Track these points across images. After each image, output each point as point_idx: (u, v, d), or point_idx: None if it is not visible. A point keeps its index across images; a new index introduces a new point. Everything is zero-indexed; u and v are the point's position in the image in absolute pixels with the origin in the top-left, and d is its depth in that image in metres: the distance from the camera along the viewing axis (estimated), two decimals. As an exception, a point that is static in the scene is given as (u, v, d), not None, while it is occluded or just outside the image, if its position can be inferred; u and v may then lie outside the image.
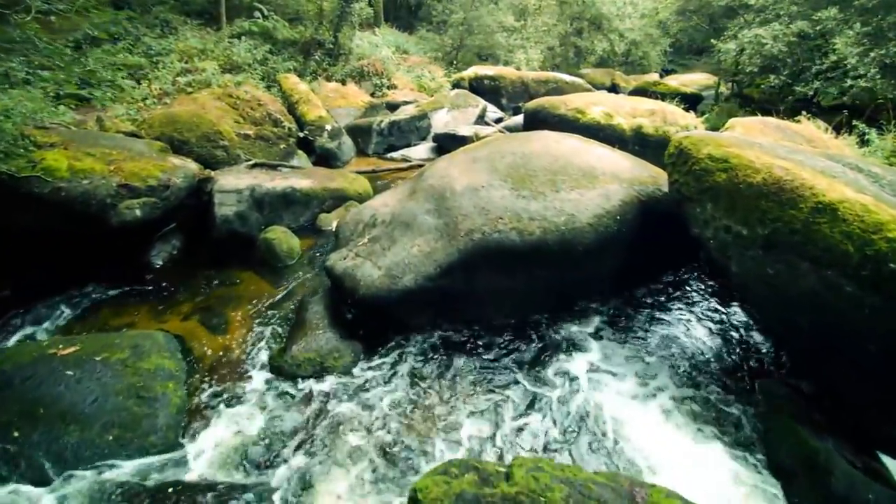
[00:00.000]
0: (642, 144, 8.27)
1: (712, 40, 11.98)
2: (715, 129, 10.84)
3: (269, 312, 4.07)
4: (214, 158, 6.03)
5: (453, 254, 3.50)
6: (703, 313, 3.94)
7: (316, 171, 6.03)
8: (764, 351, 3.58)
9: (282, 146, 6.90)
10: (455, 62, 16.32)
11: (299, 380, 3.26)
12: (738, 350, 3.59)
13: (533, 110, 9.10)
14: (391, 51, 12.62)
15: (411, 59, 14.83)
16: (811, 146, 5.30)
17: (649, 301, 4.08)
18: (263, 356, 3.53)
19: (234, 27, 10.53)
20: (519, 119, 10.29)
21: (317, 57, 10.44)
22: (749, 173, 2.92)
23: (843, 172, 3.14)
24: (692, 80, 17.82)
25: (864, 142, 6.15)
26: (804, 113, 6.46)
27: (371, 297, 3.45)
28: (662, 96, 10.63)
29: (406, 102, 11.19)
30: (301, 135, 7.46)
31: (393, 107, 11.10)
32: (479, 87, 13.27)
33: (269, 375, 3.34)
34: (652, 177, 4.06)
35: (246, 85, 7.57)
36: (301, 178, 5.68)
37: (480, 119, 10.38)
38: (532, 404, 3.14)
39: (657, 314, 3.96)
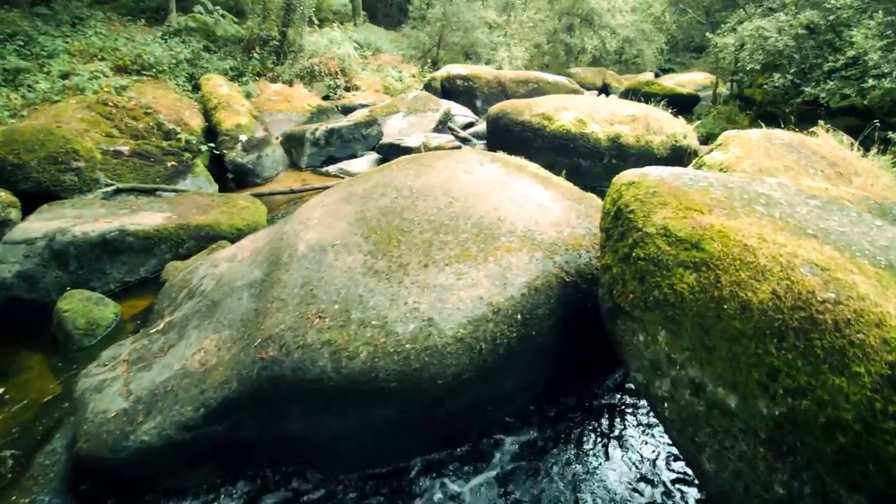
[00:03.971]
0: (621, 157, 6.65)
1: (708, 34, 10.22)
2: (711, 137, 9.14)
3: (21, 436, 2.58)
4: (60, 185, 4.54)
5: (230, 383, 1.96)
6: (660, 445, 2.38)
7: (187, 199, 4.52)
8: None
9: (170, 163, 5.38)
10: (436, 61, 14.68)
11: None
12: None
13: (494, 117, 7.50)
14: (353, 47, 11.01)
15: (383, 58, 13.24)
16: (836, 172, 3.67)
17: (581, 426, 2.51)
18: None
19: (165, 24, 9.03)
20: (489, 125, 8.71)
21: (255, 55, 8.88)
22: (745, 279, 1.34)
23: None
24: (689, 79, 16.02)
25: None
26: (821, 122, 4.80)
27: (90, 456, 1.93)
28: (647, 98, 8.95)
29: (364, 106, 9.65)
30: (203, 148, 5.94)
31: (349, 110, 9.55)
32: (451, 89, 11.64)
33: None
34: (593, 235, 2.48)
35: (133, 89, 6.05)
36: (154, 211, 4.17)
37: (442, 125, 8.78)
38: None
39: (593, 448, 2.40)
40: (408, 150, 6.91)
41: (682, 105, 11.45)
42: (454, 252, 2.21)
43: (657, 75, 17.92)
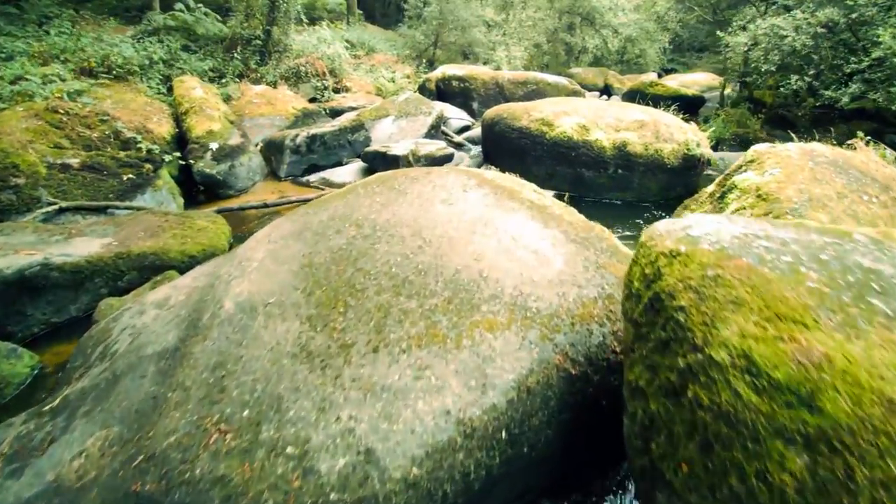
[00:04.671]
0: (628, 167, 6.01)
1: (718, 32, 9.54)
2: (721, 142, 8.47)
3: None
4: (-6, 204, 3.93)
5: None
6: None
7: (138, 220, 3.90)
8: None
9: (126, 177, 4.76)
10: (433, 61, 14.01)
11: None
12: None
13: (489, 123, 6.84)
14: (344, 47, 10.34)
15: (377, 58, 12.59)
16: (892, 197, 3.03)
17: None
18: None
19: (143, 23, 8.40)
20: (485, 130, 8.06)
21: (236, 55, 8.24)
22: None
23: None
24: (694, 80, 15.38)
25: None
26: (860, 134, 4.16)
27: None
28: (653, 100, 8.28)
29: (354, 108, 9.01)
30: (167, 158, 5.31)
31: (338, 113, 8.91)
32: (446, 90, 11.00)
33: None
34: (608, 297, 1.85)
35: (91, 94, 5.43)
36: (95, 236, 3.55)
37: (434, 129, 8.14)
38: None
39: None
40: (395, 159, 6.29)
41: (687, 107, 10.79)
42: (416, 329, 1.58)
43: (660, 76, 17.24)
